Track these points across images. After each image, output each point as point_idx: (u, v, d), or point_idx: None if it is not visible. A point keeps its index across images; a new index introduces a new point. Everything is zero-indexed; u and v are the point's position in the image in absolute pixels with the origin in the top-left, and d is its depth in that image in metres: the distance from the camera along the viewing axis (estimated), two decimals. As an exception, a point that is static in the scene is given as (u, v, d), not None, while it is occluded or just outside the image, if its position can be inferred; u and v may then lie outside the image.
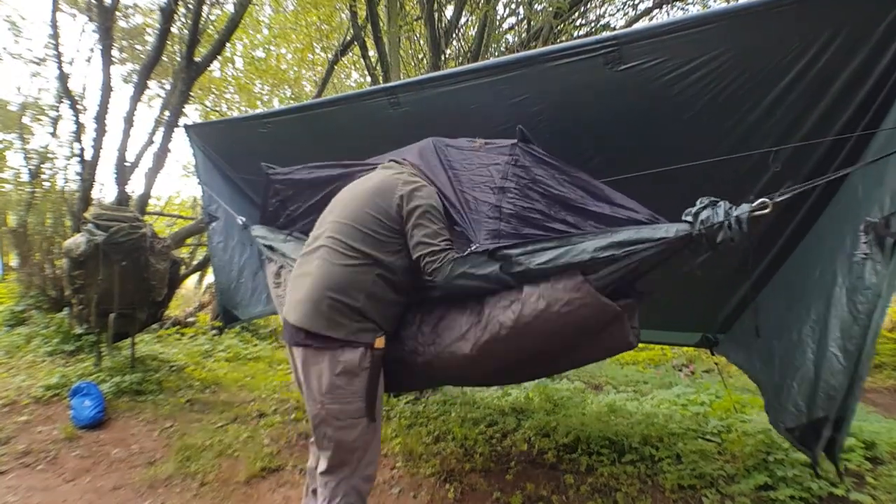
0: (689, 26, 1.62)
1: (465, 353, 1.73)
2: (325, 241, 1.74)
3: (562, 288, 1.58)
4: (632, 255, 1.51)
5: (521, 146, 1.75)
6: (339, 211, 1.81)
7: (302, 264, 1.80)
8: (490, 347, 1.70)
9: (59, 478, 2.65)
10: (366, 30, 6.27)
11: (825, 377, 1.58)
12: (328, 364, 1.65)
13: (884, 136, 1.57)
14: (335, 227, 1.75)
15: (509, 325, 1.64)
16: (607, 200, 1.63)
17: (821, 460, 1.71)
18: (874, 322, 1.41)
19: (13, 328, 4.90)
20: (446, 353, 1.78)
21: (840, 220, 1.73)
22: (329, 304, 1.64)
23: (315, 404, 1.69)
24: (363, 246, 1.70)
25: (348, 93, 2.78)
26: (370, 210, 1.73)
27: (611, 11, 7.86)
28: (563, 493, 2.52)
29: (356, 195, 1.83)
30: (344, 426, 1.67)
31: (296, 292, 1.74)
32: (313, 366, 1.67)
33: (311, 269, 1.72)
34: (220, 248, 3.38)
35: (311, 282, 1.69)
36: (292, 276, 1.85)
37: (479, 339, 1.70)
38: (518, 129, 1.76)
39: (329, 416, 1.67)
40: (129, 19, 7.71)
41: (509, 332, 1.65)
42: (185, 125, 3.29)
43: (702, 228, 1.43)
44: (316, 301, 1.65)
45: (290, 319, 1.71)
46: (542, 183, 1.68)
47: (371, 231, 1.71)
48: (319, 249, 1.74)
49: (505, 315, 1.65)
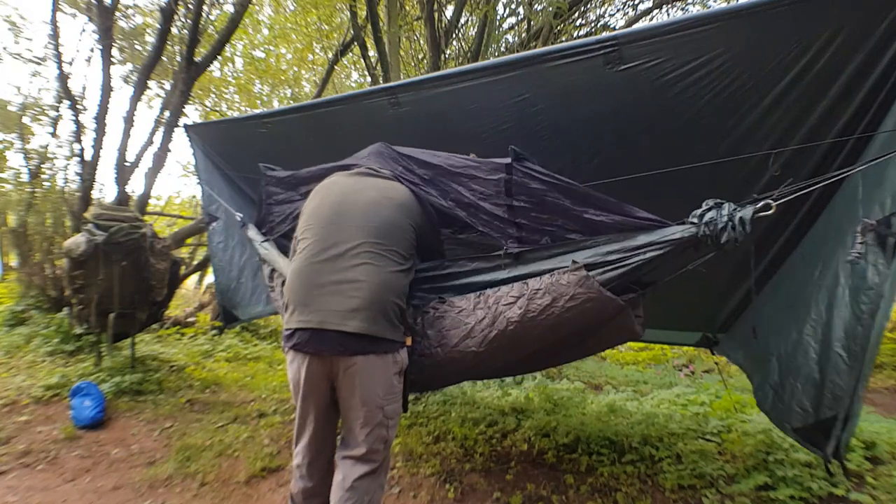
0: (689, 26, 1.62)
1: (472, 350, 1.77)
2: (367, 247, 1.74)
3: (566, 283, 1.64)
4: (639, 256, 1.56)
5: (517, 165, 1.78)
6: (362, 217, 1.81)
7: (332, 271, 1.72)
8: (498, 343, 1.75)
9: (59, 478, 2.65)
10: (366, 30, 6.27)
11: (831, 377, 1.58)
12: (390, 366, 1.72)
13: (884, 135, 1.57)
14: (371, 232, 1.77)
15: (516, 321, 1.70)
16: (611, 210, 1.66)
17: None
18: (878, 322, 1.41)
19: (13, 328, 4.90)
20: (455, 352, 1.81)
21: (841, 220, 1.73)
22: (393, 308, 1.71)
23: (375, 410, 1.70)
24: (404, 251, 1.81)
25: (348, 93, 2.78)
26: (401, 218, 1.85)
27: (611, 12, 7.87)
28: (564, 493, 2.52)
29: (376, 201, 1.86)
30: (394, 424, 1.77)
31: (341, 300, 1.67)
32: (373, 370, 1.68)
33: (356, 276, 1.70)
34: (221, 248, 3.38)
35: (367, 287, 1.68)
36: (313, 283, 1.74)
37: (486, 335, 1.75)
38: (511, 148, 1.79)
39: (385, 418, 1.72)
40: (129, 19, 7.71)
41: (516, 328, 1.70)
42: (184, 125, 3.29)
43: (706, 230, 1.45)
44: (380, 305, 1.68)
45: (346, 329, 1.64)
46: (546, 201, 1.74)
47: (406, 238, 1.83)
48: (361, 255, 1.72)
49: (511, 311, 1.71)
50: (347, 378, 1.68)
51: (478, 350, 1.77)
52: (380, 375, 1.70)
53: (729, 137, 1.87)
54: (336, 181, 1.99)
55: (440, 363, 1.85)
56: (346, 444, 1.78)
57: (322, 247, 1.78)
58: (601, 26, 7.62)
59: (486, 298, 1.78)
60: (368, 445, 1.73)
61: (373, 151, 2.08)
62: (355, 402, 1.70)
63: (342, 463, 1.77)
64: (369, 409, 1.70)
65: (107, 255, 3.69)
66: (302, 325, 1.70)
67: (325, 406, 1.79)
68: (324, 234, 1.80)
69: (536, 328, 1.69)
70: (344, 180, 1.98)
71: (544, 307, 1.66)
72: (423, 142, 2.11)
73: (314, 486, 1.85)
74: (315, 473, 1.85)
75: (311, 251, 1.79)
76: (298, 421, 1.84)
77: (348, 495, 1.69)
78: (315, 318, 1.68)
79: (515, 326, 1.70)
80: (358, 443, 1.73)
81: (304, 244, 1.83)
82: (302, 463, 1.84)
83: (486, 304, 1.77)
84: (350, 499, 1.68)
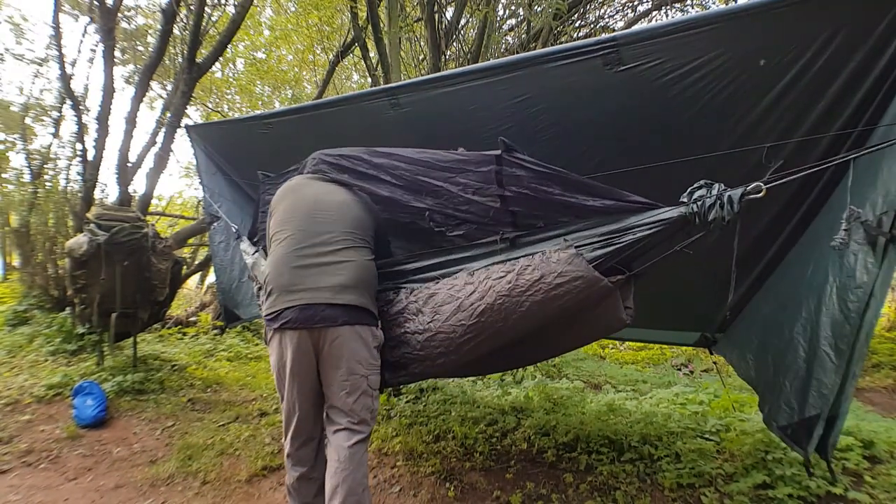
0: (688, 28, 1.64)
1: (463, 323, 1.82)
2: (345, 235, 1.95)
3: (555, 260, 1.68)
4: (628, 235, 1.59)
5: (507, 156, 1.80)
6: (337, 212, 2.00)
7: (315, 255, 1.89)
8: (486, 318, 1.79)
9: (62, 476, 2.67)
10: (366, 31, 6.29)
11: (817, 375, 1.59)
12: (370, 339, 1.89)
13: (881, 132, 1.58)
14: (346, 224, 1.98)
15: (504, 294, 1.75)
16: (601, 195, 1.69)
17: (813, 458, 1.73)
18: (866, 321, 1.42)
19: (16, 328, 4.91)
20: (446, 326, 1.86)
21: (834, 220, 1.74)
22: (371, 288, 1.95)
23: (359, 378, 1.84)
24: (371, 244, 2.03)
25: (349, 94, 2.79)
26: (367, 216, 2.07)
27: (610, 13, 7.89)
28: (563, 492, 2.53)
29: (346, 202, 2.06)
30: (377, 396, 1.93)
31: (329, 278, 1.84)
32: (358, 340, 1.84)
33: (340, 258, 1.89)
34: (222, 248, 3.39)
35: (352, 267, 1.89)
36: (298, 266, 1.88)
37: (476, 308, 1.80)
38: (500, 140, 1.82)
39: (370, 388, 1.88)
40: (131, 21, 7.73)
41: (504, 301, 1.75)
42: (186, 126, 3.31)
43: (695, 206, 1.47)
44: (364, 283, 1.91)
45: (337, 301, 1.81)
46: (538, 190, 1.76)
47: (370, 234, 2.05)
48: (341, 242, 1.92)
49: (500, 284, 1.77)
50: (334, 349, 1.80)
51: (468, 323, 1.81)
52: (363, 345, 1.85)
53: (728, 138, 1.88)
54: (304, 183, 2.15)
55: (433, 339, 1.90)
56: (334, 419, 1.88)
57: (303, 236, 1.93)
58: (601, 28, 7.64)
59: (477, 275, 1.84)
60: (357, 414, 1.84)
61: (318, 158, 2.21)
62: (342, 371, 1.81)
63: (334, 437, 1.86)
64: (356, 377, 1.83)
65: (109, 255, 3.71)
66: (290, 304, 1.82)
67: (310, 386, 1.89)
68: (303, 225, 1.95)
69: (524, 304, 1.73)
70: (309, 182, 2.15)
71: (533, 282, 1.70)
72: (423, 142, 2.12)
73: (308, 471, 1.95)
74: (307, 458, 1.95)
75: (292, 241, 1.93)
76: (286, 407, 1.92)
77: (346, 460, 1.78)
78: (305, 296, 1.82)
79: (504, 300, 1.75)
80: (346, 412, 1.84)
81: (283, 236, 1.96)
82: (293, 451, 1.94)
83: (477, 280, 1.83)
84: (348, 462, 1.77)
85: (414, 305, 1.97)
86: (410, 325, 1.96)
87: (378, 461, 2.95)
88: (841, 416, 1.54)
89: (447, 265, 1.98)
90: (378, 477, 2.77)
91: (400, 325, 1.99)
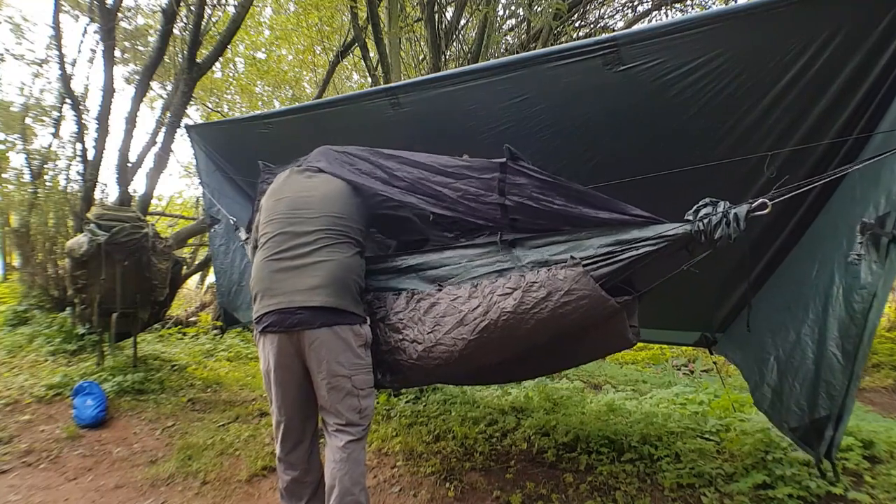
0: (688, 28, 1.63)
1: (464, 337, 1.80)
2: (322, 234, 1.91)
3: (562, 278, 1.65)
4: (633, 251, 1.57)
5: (512, 164, 1.79)
6: (317, 209, 1.97)
7: (293, 258, 1.88)
8: (489, 334, 1.76)
9: (62, 476, 2.67)
10: (367, 31, 6.29)
11: (825, 377, 1.59)
12: (353, 339, 1.85)
13: (880, 136, 1.58)
14: (325, 222, 1.94)
15: (509, 311, 1.71)
16: (605, 207, 1.68)
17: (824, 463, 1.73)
18: (870, 321, 1.42)
19: (16, 328, 4.91)
20: (447, 338, 1.84)
21: (837, 221, 1.74)
22: (353, 285, 1.89)
23: (341, 379, 1.81)
24: (355, 237, 1.98)
25: (349, 94, 2.79)
26: (350, 209, 2.01)
27: (610, 13, 7.89)
28: (563, 492, 2.53)
29: (327, 196, 2.01)
30: (366, 395, 1.89)
31: (304, 280, 1.82)
32: (337, 342, 1.82)
33: (316, 259, 1.86)
34: (222, 251, 3.39)
35: (327, 267, 1.85)
36: (276, 270, 1.88)
37: (479, 324, 1.77)
38: (505, 147, 1.81)
39: (355, 388, 1.84)
40: (131, 21, 7.73)
41: (509, 318, 1.71)
42: (186, 126, 3.31)
43: (701, 225, 1.47)
44: (341, 282, 1.85)
45: (311, 304, 1.79)
46: (540, 200, 1.75)
47: (354, 227, 2.00)
48: (318, 242, 1.89)
49: (506, 301, 1.73)
50: (314, 352, 1.79)
51: (469, 338, 1.79)
52: (343, 346, 1.82)
53: (728, 137, 1.88)
54: (289, 179, 2.13)
55: (432, 350, 1.87)
56: (326, 421, 1.89)
57: (282, 238, 1.93)
58: (601, 28, 7.64)
59: (482, 288, 1.80)
60: (343, 415, 1.83)
61: (320, 152, 2.19)
62: (323, 374, 1.81)
63: (329, 438, 1.87)
64: (337, 378, 1.81)
65: (109, 254, 3.71)
66: (269, 309, 1.82)
67: (298, 389, 1.89)
68: (282, 226, 1.95)
69: (529, 322, 1.70)
70: (297, 178, 2.13)
71: (539, 300, 1.67)
72: (423, 142, 2.12)
73: (300, 475, 1.94)
74: (298, 462, 1.94)
75: (272, 244, 1.94)
76: (275, 411, 1.92)
77: (340, 461, 1.78)
78: (283, 300, 1.81)
79: (508, 317, 1.71)
80: (333, 413, 1.85)
81: (265, 238, 1.98)
82: (283, 455, 1.93)
83: (481, 294, 1.79)
84: (342, 463, 1.78)
85: (415, 313, 1.93)
86: (409, 332, 1.93)
87: (378, 461, 2.95)
88: (844, 414, 1.54)
89: (447, 263, 1.97)
90: (378, 477, 2.77)
91: (398, 330, 1.97)
